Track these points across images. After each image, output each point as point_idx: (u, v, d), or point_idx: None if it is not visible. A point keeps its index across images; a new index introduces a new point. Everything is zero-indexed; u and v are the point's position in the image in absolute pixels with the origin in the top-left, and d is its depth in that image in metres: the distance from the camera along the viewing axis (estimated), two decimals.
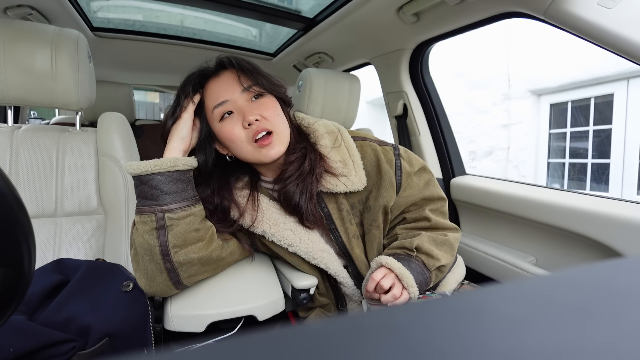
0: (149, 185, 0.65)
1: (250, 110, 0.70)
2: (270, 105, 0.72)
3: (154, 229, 0.64)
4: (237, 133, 0.70)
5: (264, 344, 0.13)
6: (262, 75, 0.73)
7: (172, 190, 0.66)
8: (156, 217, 0.64)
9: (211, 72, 0.74)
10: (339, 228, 0.77)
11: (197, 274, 0.69)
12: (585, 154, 3.45)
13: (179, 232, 0.65)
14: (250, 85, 0.71)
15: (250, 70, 0.72)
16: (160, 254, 0.64)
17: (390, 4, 1.12)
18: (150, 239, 0.64)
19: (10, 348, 0.51)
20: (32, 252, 0.35)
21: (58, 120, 2.69)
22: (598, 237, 0.87)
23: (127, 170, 0.67)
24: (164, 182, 0.66)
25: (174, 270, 0.66)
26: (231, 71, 0.73)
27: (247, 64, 0.74)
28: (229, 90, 0.71)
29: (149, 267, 0.66)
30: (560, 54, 3.30)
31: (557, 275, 0.19)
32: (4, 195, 0.31)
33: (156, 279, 0.66)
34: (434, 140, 1.45)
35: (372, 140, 0.82)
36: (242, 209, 0.75)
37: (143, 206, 0.66)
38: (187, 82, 0.74)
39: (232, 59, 0.73)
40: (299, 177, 0.73)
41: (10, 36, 0.84)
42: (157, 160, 0.66)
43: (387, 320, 0.15)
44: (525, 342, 0.13)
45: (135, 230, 0.67)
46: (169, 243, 0.65)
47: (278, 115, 0.73)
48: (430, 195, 0.81)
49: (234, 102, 0.70)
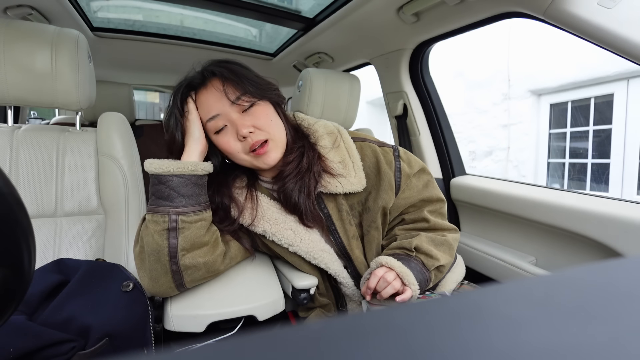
0: (167, 186, 0.65)
1: (242, 123, 0.69)
2: (263, 113, 0.71)
3: (165, 230, 0.64)
4: (233, 146, 0.70)
5: (264, 344, 0.13)
6: (251, 80, 0.71)
7: (189, 194, 0.67)
8: (169, 219, 0.65)
9: (198, 84, 0.72)
10: (339, 229, 0.77)
11: (201, 278, 0.69)
12: (585, 154, 3.45)
13: (189, 236, 0.66)
14: (238, 96, 0.69)
15: (236, 79, 0.70)
16: (168, 255, 0.65)
17: (390, 4, 1.12)
18: (160, 239, 0.64)
19: (10, 348, 0.50)
20: (32, 252, 0.35)
21: (58, 120, 2.68)
22: (598, 237, 0.86)
23: (147, 168, 0.67)
24: (182, 184, 0.66)
25: (179, 272, 0.66)
26: (218, 80, 0.70)
27: (232, 72, 0.70)
28: (218, 104, 0.69)
29: (154, 267, 0.66)
30: (560, 54, 3.30)
31: (557, 275, 0.19)
32: (4, 195, 0.31)
33: (160, 280, 0.66)
34: (434, 140, 1.45)
35: (372, 142, 0.82)
36: (241, 207, 0.75)
37: (157, 205, 0.66)
38: (176, 93, 0.72)
39: (215, 70, 0.71)
40: (297, 175, 0.73)
41: (10, 36, 0.84)
42: (178, 162, 0.67)
43: (387, 320, 0.15)
44: (525, 342, 0.13)
45: (144, 227, 0.67)
46: (178, 245, 0.65)
47: (272, 122, 0.72)
48: (429, 197, 0.81)
49: (225, 116, 0.69)
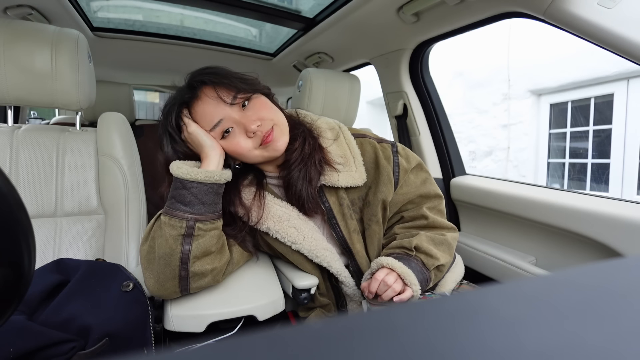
0: (190, 192, 0.65)
1: (248, 119, 0.69)
2: (262, 104, 0.72)
3: (180, 235, 0.64)
4: (244, 145, 0.70)
5: (264, 344, 0.13)
6: (239, 78, 0.71)
7: (209, 202, 0.67)
8: (187, 225, 0.64)
9: (190, 98, 0.71)
10: (340, 223, 0.77)
11: (206, 285, 0.69)
12: (585, 154, 3.45)
13: (202, 243, 0.65)
14: (234, 96, 0.69)
15: (226, 81, 0.69)
16: (179, 261, 0.64)
17: (390, 4, 1.12)
18: (174, 244, 0.64)
19: (11, 348, 0.50)
20: (32, 252, 0.35)
21: (58, 120, 2.68)
22: (598, 237, 0.87)
23: (175, 172, 0.66)
24: (204, 192, 0.66)
25: (186, 278, 0.66)
26: (210, 88, 0.70)
27: (220, 76, 0.70)
28: (217, 109, 0.69)
29: (163, 271, 0.65)
30: (560, 54, 3.30)
31: (557, 275, 0.19)
32: (4, 195, 0.31)
33: (166, 284, 0.66)
34: (434, 140, 1.45)
35: (372, 137, 0.83)
36: (248, 207, 0.75)
37: (175, 209, 0.65)
38: (169, 114, 0.71)
39: (204, 79, 0.70)
40: (301, 162, 0.74)
41: (10, 36, 0.84)
42: (206, 170, 0.66)
43: (387, 320, 0.15)
44: (525, 343, 0.13)
45: (158, 228, 0.66)
46: (191, 252, 0.64)
47: (272, 109, 0.73)
48: (427, 193, 0.82)
49: (229, 118, 0.69)
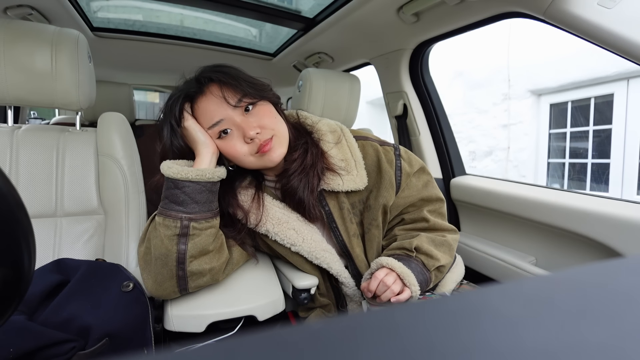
0: (182, 191, 0.65)
1: (248, 124, 0.68)
2: (266, 111, 0.71)
3: (175, 235, 0.64)
4: (240, 149, 0.69)
5: (264, 344, 0.13)
6: (247, 82, 0.70)
7: (202, 200, 0.66)
8: (181, 224, 0.64)
9: (195, 92, 0.70)
10: (340, 227, 0.77)
11: (205, 284, 0.69)
12: (585, 154, 3.45)
13: (198, 242, 0.65)
14: (239, 99, 0.67)
15: (234, 82, 0.68)
16: (175, 261, 0.64)
17: (390, 4, 1.12)
18: (169, 244, 0.64)
19: (11, 348, 0.50)
20: (32, 252, 0.35)
21: (58, 120, 2.69)
22: (598, 237, 0.86)
23: (166, 172, 0.66)
24: (197, 191, 0.65)
25: (184, 278, 0.65)
26: (216, 86, 0.69)
27: (229, 76, 0.69)
28: (219, 109, 0.68)
29: (160, 271, 0.65)
30: (560, 54, 3.30)
31: (557, 275, 0.19)
32: (4, 195, 0.31)
33: (164, 284, 0.66)
34: (434, 140, 1.44)
35: (374, 140, 0.82)
36: (246, 210, 0.75)
37: (169, 210, 0.65)
38: (174, 104, 0.70)
39: (212, 76, 0.69)
40: (302, 172, 0.73)
41: (10, 36, 0.84)
42: (197, 169, 0.65)
43: (388, 321, 0.15)
44: (525, 342, 0.13)
45: (153, 229, 0.66)
46: (187, 252, 0.64)
47: (275, 119, 0.72)
48: (428, 196, 0.81)
49: (229, 120, 0.68)
